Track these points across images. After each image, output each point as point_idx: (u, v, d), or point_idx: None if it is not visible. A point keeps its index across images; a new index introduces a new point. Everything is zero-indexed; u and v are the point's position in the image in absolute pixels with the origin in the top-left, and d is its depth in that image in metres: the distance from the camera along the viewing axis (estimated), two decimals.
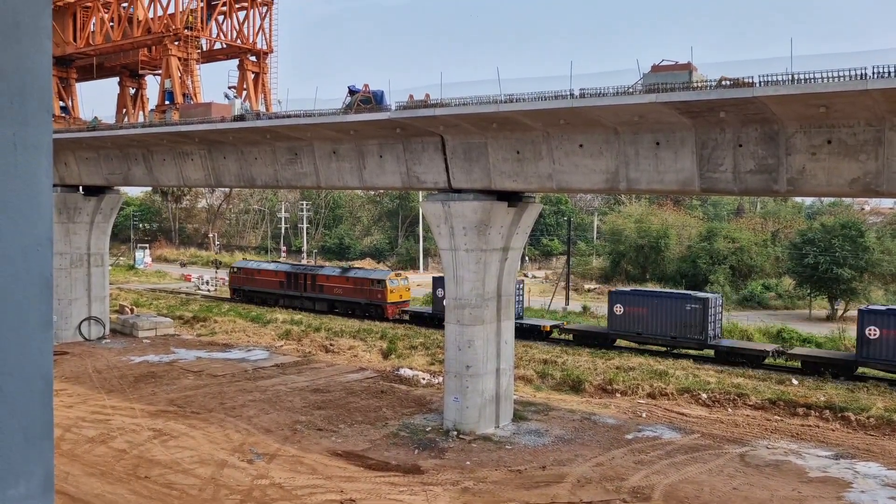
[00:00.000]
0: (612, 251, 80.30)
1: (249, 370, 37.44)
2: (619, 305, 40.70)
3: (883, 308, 35.58)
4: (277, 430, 27.18)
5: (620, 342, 42.10)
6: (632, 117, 21.97)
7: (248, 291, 59.94)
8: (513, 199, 27.50)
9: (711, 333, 38.47)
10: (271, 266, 60.54)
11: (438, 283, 47.18)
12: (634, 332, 40.33)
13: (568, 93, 22.25)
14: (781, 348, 38.90)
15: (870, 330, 33.76)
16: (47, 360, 1.66)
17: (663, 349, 40.41)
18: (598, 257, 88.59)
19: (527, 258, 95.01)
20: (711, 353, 38.76)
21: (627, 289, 46.53)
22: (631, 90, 21.32)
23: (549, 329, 44.78)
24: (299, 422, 28.31)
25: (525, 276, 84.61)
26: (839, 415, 29.36)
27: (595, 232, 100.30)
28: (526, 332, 43.69)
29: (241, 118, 31.64)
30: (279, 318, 50.89)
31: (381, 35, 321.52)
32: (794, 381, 33.66)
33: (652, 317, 39.46)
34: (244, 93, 41.97)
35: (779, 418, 29.75)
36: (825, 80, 18.14)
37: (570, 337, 44.28)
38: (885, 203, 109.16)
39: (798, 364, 36.75)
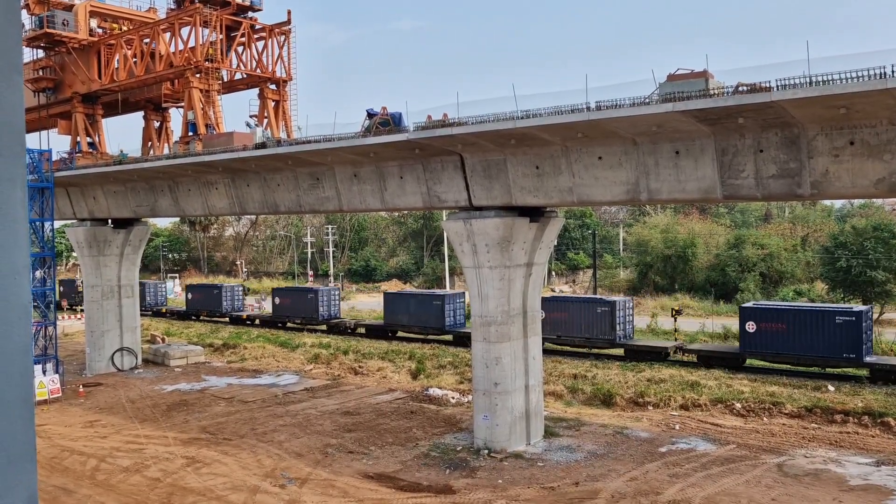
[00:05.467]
0: (639, 263, 79.70)
1: (280, 395, 37.60)
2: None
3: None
4: (308, 454, 27.22)
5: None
6: (649, 127, 21.87)
7: None
8: (534, 214, 27.44)
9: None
10: None
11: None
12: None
13: (584, 106, 22.23)
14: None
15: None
16: (28, 384, 1.71)
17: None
18: (625, 269, 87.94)
19: (553, 273, 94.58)
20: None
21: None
22: (647, 100, 21.24)
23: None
24: (330, 445, 28.34)
25: (552, 290, 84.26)
26: (878, 420, 28.68)
27: (621, 244, 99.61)
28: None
29: (262, 146, 32.05)
30: (307, 342, 51.14)
31: (398, 59, 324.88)
32: (831, 388, 32.98)
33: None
34: (265, 121, 42.56)
35: (816, 426, 29.14)
36: (844, 81, 17.92)
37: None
38: None
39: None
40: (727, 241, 74.69)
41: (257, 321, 63.24)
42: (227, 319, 65.54)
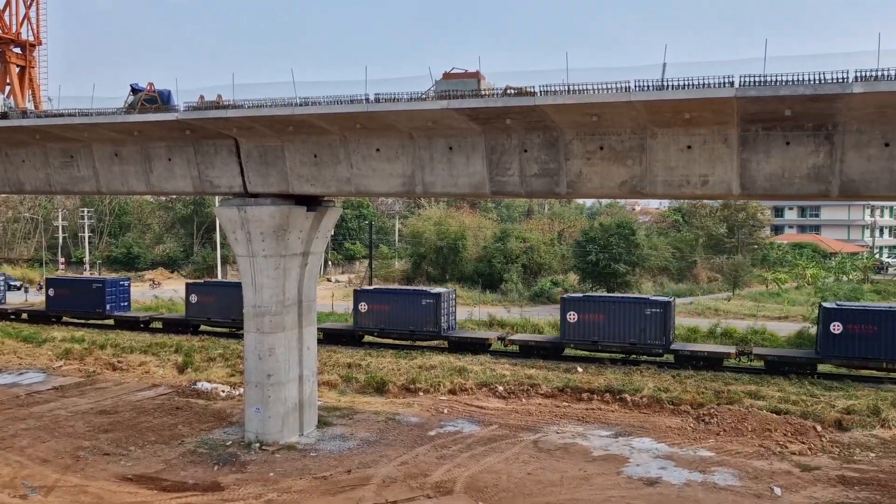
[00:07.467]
0: (414, 253, 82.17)
1: (22, 395, 33.74)
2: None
3: None
4: (56, 459, 24.74)
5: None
6: (426, 123, 22.60)
7: None
8: (312, 203, 27.20)
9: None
10: None
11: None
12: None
13: (363, 97, 22.41)
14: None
15: None
16: None
17: None
18: (400, 260, 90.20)
19: (330, 262, 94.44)
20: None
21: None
22: (424, 96, 21.92)
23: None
24: (82, 448, 25.98)
25: (328, 280, 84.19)
26: (617, 397, 32.22)
27: (397, 235, 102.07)
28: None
29: (4, 116, 28.43)
30: (57, 336, 46.36)
31: (168, 33, 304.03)
32: (580, 370, 36.44)
33: None
34: (7, 88, 37.78)
35: (567, 404, 32.05)
36: (596, 92, 19.83)
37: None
38: (653, 204, 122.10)
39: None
40: (494, 234, 79.44)
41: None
42: None
